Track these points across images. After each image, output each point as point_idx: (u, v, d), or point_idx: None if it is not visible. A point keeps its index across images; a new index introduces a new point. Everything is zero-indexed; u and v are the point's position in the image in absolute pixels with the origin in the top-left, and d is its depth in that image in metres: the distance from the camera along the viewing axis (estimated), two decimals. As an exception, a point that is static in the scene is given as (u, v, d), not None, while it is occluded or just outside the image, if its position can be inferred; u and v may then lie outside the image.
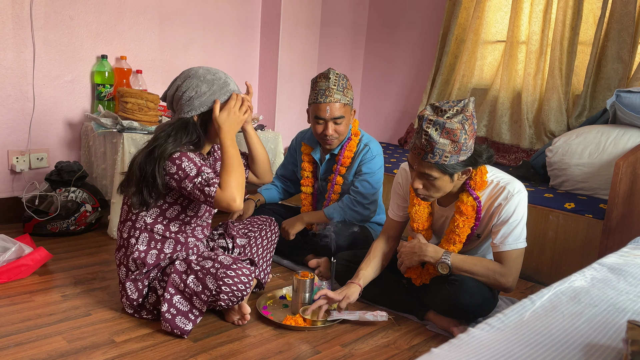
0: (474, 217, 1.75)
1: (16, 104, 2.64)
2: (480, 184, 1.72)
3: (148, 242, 1.75)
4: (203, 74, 1.70)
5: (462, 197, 1.74)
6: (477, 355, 0.85)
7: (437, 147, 1.57)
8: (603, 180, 2.46)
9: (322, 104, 2.18)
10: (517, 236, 1.70)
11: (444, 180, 1.65)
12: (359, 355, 1.64)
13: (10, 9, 2.53)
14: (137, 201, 1.67)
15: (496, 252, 1.73)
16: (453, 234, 1.78)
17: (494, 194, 1.73)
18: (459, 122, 1.56)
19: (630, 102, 2.48)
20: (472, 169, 1.68)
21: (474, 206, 1.74)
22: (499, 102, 3.42)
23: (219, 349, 1.62)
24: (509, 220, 1.69)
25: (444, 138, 1.56)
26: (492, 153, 1.72)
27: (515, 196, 1.70)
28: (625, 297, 1.16)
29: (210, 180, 1.61)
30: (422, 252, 1.77)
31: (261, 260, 2.00)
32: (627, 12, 2.88)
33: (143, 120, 2.65)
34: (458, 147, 1.58)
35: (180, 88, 1.70)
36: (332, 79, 2.18)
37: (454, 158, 1.59)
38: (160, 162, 1.62)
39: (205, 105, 1.69)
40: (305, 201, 2.46)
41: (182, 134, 1.68)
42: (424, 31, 3.99)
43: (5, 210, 2.68)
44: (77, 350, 1.55)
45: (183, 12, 3.19)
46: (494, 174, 1.76)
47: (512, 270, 1.71)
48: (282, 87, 3.63)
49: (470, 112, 1.60)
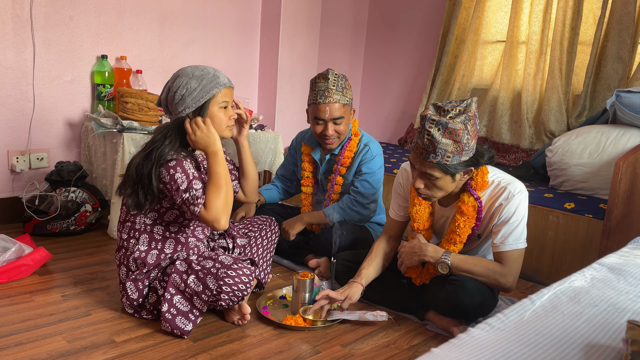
0: (475, 218, 1.75)
1: (16, 104, 2.64)
2: (481, 184, 1.72)
3: (148, 243, 1.75)
4: (191, 71, 1.70)
5: (463, 198, 1.74)
6: (477, 355, 0.85)
7: (439, 147, 1.57)
8: (603, 180, 2.46)
9: (321, 105, 2.18)
10: (517, 236, 1.70)
11: (445, 180, 1.65)
12: (359, 355, 1.64)
13: (10, 9, 2.53)
14: (132, 203, 1.67)
15: (496, 252, 1.73)
16: (454, 234, 1.78)
17: (494, 194, 1.73)
18: (461, 123, 1.56)
19: (630, 102, 2.48)
20: (473, 169, 1.68)
21: (475, 206, 1.74)
22: (499, 102, 3.42)
23: (219, 349, 1.62)
24: (509, 220, 1.69)
25: (446, 138, 1.56)
26: (494, 153, 1.72)
27: (516, 196, 1.70)
28: (625, 297, 1.16)
29: (197, 199, 1.61)
30: (422, 252, 1.77)
31: (261, 260, 2.00)
32: (627, 12, 2.88)
33: (143, 120, 2.65)
34: (460, 148, 1.58)
35: (171, 89, 1.70)
36: (331, 79, 2.18)
37: (456, 158, 1.59)
38: (156, 166, 1.62)
39: (197, 101, 1.69)
40: (305, 201, 2.46)
41: (177, 134, 1.69)
42: (424, 31, 3.99)
43: (5, 210, 2.68)
44: (77, 350, 1.55)
45: (183, 12, 3.19)
46: (495, 174, 1.76)
47: (512, 270, 1.71)
48: (282, 87, 3.63)
49: (472, 112, 1.59)
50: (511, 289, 1.74)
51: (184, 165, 1.64)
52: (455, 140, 1.56)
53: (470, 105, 1.60)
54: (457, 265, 1.73)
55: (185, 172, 1.63)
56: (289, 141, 3.37)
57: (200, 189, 1.64)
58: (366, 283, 1.88)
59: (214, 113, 1.72)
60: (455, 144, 1.57)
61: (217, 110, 1.72)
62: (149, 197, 1.65)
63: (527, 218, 1.73)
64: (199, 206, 1.61)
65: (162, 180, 1.63)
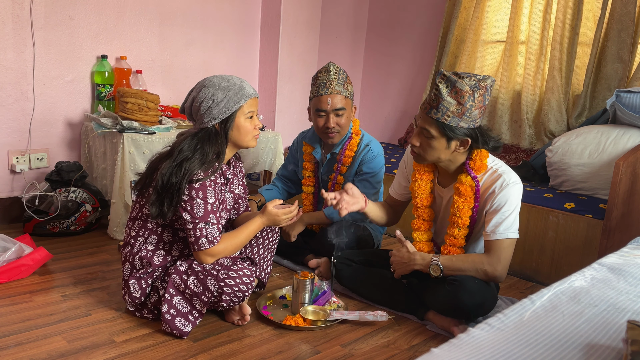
0: (473, 198, 1.76)
1: (16, 104, 2.64)
2: (479, 166, 1.74)
3: (156, 243, 1.77)
4: (217, 82, 1.71)
5: (461, 178, 1.76)
6: (477, 355, 0.85)
7: (442, 104, 1.61)
8: (603, 180, 2.46)
9: (323, 96, 2.19)
10: (508, 226, 1.70)
11: (440, 142, 1.68)
12: (359, 355, 1.64)
13: (10, 9, 2.53)
14: (155, 211, 1.68)
15: (487, 240, 1.74)
16: (455, 217, 1.79)
17: (490, 180, 1.74)
18: (469, 87, 1.59)
19: (630, 102, 2.48)
20: (471, 143, 1.69)
21: (473, 186, 1.75)
22: (499, 102, 3.42)
23: (219, 349, 1.62)
24: (501, 209, 1.70)
25: (451, 97, 1.60)
26: (501, 144, 1.75)
27: (510, 186, 1.70)
28: (625, 297, 1.16)
29: (211, 236, 1.67)
30: (412, 261, 1.81)
31: (262, 260, 2.00)
32: (627, 12, 2.88)
33: (143, 120, 2.65)
34: (462, 111, 1.61)
35: (196, 99, 1.71)
36: (332, 71, 2.20)
37: (455, 120, 1.63)
38: (185, 178, 1.63)
39: (224, 112, 1.70)
40: (306, 200, 2.47)
41: (208, 146, 1.70)
42: (424, 31, 3.99)
43: (5, 210, 2.68)
44: (77, 350, 1.55)
45: (183, 12, 3.19)
46: (495, 162, 1.78)
47: (500, 258, 1.71)
48: (282, 87, 3.63)
49: (485, 85, 1.63)
50: (501, 278, 1.74)
51: (207, 193, 1.66)
52: (459, 102, 1.60)
53: (485, 79, 1.64)
54: (446, 264, 1.75)
55: (206, 200, 1.66)
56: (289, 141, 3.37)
57: (216, 224, 1.68)
58: (369, 209, 1.94)
59: (241, 123, 1.75)
60: (458, 106, 1.60)
61: (244, 120, 1.75)
62: (172, 206, 1.66)
63: (519, 209, 1.72)
64: (212, 245, 1.67)
65: (181, 196, 1.65)
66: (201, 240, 1.66)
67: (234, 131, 1.74)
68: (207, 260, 1.70)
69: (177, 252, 1.79)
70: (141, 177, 1.78)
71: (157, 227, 1.77)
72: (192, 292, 1.66)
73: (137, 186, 1.78)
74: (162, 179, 1.65)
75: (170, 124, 2.77)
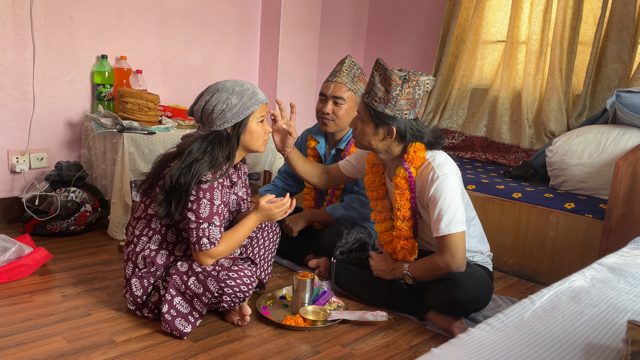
0: (409, 190, 1.79)
1: (16, 104, 2.64)
2: (412, 158, 1.76)
3: (160, 243, 1.77)
4: (231, 87, 1.73)
5: (398, 171, 1.80)
6: (477, 355, 0.85)
7: (373, 90, 1.72)
8: (603, 180, 2.46)
9: (328, 82, 2.27)
10: (449, 221, 1.69)
11: (369, 127, 1.76)
12: (359, 355, 1.64)
13: (10, 9, 2.53)
14: (163, 211, 1.68)
15: (435, 237, 1.75)
16: (395, 209, 1.83)
17: (424, 174, 1.76)
18: (399, 77, 1.68)
19: (630, 102, 2.48)
20: (401, 135, 1.74)
21: (406, 177, 1.78)
22: (499, 102, 3.42)
23: (219, 349, 1.62)
24: (437, 203, 1.70)
25: (381, 84, 1.70)
26: (440, 141, 1.79)
27: (440, 178, 1.70)
28: (625, 297, 1.16)
29: (214, 237, 1.68)
30: (392, 271, 1.89)
31: (262, 260, 2.00)
32: (627, 12, 2.88)
33: (143, 120, 2.65)
34: (387, 98, 1.69)
35: (209, 102, 1.72)
36: (346, 63, 2.27)
37: (381, 106, 1.71)
38: (194, 179, 1.64)
39: (237, 117, 1.72)
40: (308, 196, 2.49)
41: (218, 149, 1.71)
42: (424, 31, 3.99)
43: (5, 210, 2.68)
44: (77, 350, 1.55)
45: (183, 12, 3.19)
46: (433, 155, 1.78)
47: (452, 254, 1.71)
48: (282, 87, 3.63)
49: (417, 79, 1.69)
50: (461, 269, 1.75)
51: (214, 194, 1.68)
52: (386, 90, 1.69)
53: (420, 75, 1.71)
54: (413, 271, 1.82)
55: (212, 202, 1.67)
56: (289, 141, 3.36)
57: (219, 226, 1.69)
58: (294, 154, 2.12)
59: (253, 128, 1.77)
60: (385, 93, 1.69)
61: (256, 125, 1.78)
62: (180, 207, 1.67)
63: (458, 201, 1.71)
64: (213, 246, 1.68)
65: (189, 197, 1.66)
66: (203, 240, 1.66)
67: (246, 135, 1.76)
68: (206, 261, 1.70)
69: (180, 252, 1.79)
70: (147, 176, 1.78)
71: (161, 227, 1.77)
72: (193, 293, 1.66)
73: (142, 186, 1.79)
74: (171, 179, 1.66)
75: (170, 124, 2.77)
